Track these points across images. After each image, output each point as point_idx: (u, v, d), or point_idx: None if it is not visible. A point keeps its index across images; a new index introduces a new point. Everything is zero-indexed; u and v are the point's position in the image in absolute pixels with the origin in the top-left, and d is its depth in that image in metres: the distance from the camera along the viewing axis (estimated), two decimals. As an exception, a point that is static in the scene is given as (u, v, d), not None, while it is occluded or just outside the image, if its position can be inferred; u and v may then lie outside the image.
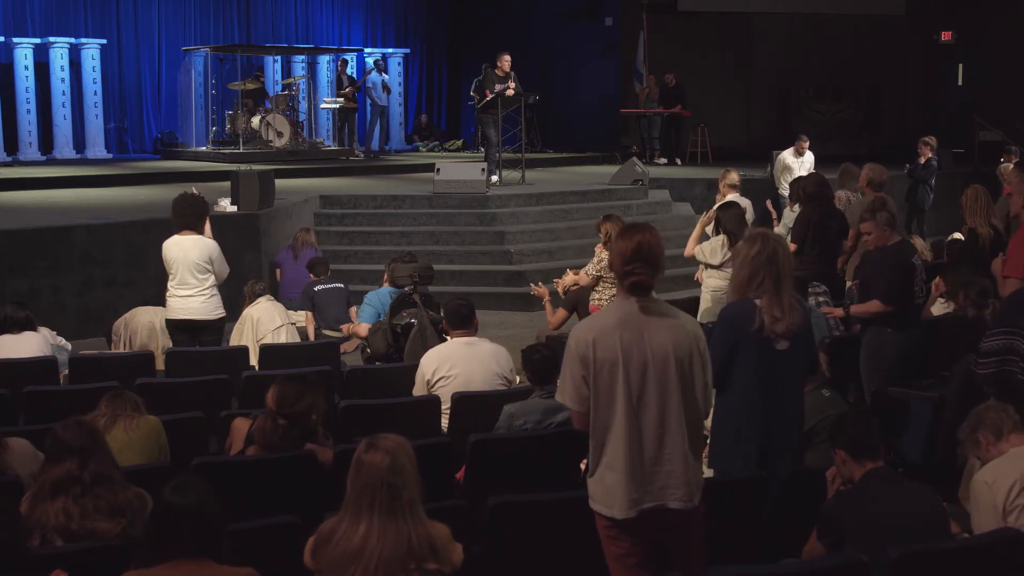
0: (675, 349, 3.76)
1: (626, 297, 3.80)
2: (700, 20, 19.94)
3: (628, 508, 3.74)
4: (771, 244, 4.52)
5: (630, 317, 3.76)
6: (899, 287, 6.22)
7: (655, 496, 3.76)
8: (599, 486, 3.82)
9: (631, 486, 3.73)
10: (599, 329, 3.77)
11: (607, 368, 3.72)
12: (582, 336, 3.79)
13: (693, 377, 3.80)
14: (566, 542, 4.25)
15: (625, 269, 3.76)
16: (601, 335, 3.74)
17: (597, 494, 3.83)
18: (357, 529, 3.28)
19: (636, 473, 3.73)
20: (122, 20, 18.53)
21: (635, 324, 3.75)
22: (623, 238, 3.81)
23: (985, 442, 4.32)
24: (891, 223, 6.41)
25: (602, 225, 7.66)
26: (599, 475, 3.81)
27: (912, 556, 3.56)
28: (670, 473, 3.77)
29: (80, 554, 3.68)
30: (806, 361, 4.63)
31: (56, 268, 9.72)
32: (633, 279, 3.75)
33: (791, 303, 4.48)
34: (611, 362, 3.72)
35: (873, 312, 6.27)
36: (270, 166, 13.12)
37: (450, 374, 5.96)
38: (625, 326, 3.75)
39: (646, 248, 3.75)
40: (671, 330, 3.78)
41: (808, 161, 13.70)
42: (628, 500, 3.74)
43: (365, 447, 3.35)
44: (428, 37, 22.24)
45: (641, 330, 3.75)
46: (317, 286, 9.36)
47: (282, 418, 4.65)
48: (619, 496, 3.75)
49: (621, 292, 3.83)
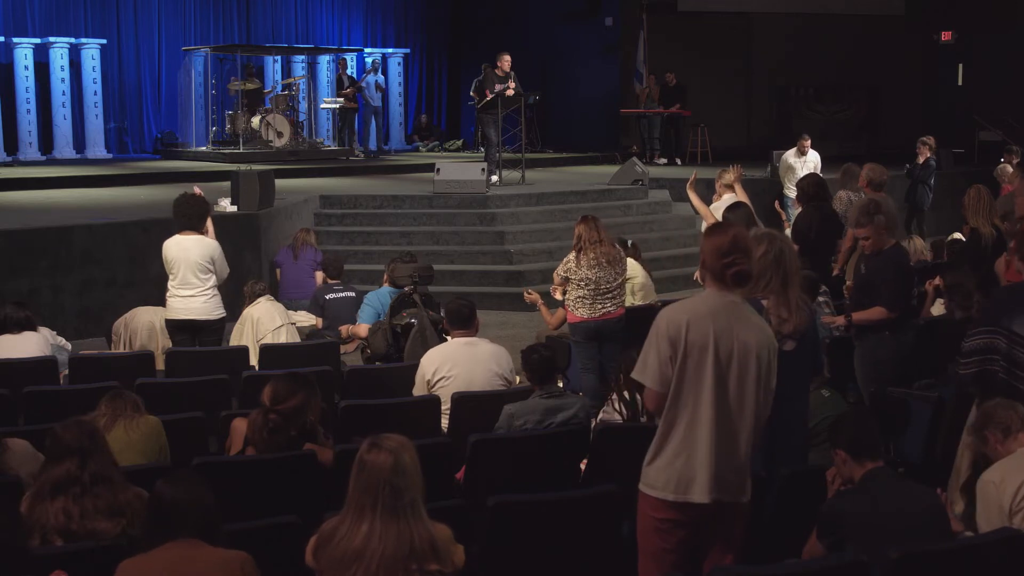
0: (758, 348, 3.79)
1: (722, 290, 3.82)
2: (700, 20, 19.94)
3: (707, 493, 3.72)
4: (778, 244, 4.53)
5: (723, 308, 3.79)
6: (901, 292, 6.21)
7: (723, 489, 3.75)
8: (665, 473, 3.77)
9: (711, 471, 3.72)
10: (692, 312, 3.78)
11: (697, 352, 3.73)
12: (675, 317, 3.77)
13: (769, 378, 3.84)
14: (566, 542, 4.25)
15: (724, 261, 3.78)
16: (694, 318, 3.75)
17: (660, 481, 3.77)
18: (359, 529, 3.28)
19: (715, 460, 3.72)
20: (122, 20, 18.52)
21: (727, 316, 3.78)
22: (716, 234, 3.86)
23: (993, 440, 4.30)
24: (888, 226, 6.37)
25: (576, 227, 7.47)
26: (667, 461, 3.77)
27: (912, 556, 3.56)
28: (739, 468, 3.79)
29: (80, 554, 3.68)
30: (812, 361, 4.64)
31: (56, 268, 9.72)
32: (735, 269, 3.78)
33: (798, 303, 4.50)
34: (702, 346, 3.72)
35: (876, 319, 6.23)
36: (270, 166, 13.13)
37: (450, 374, 5.96)
38: (717, 315, 3.77)
39: (741, 240, 3.82)
40: (756, 330, 3.83)
41: (812, 160, 13.67)
42: (708, 485, 3.71)
43: (368, 447, 3.35)
44: (428, 37, 22.24)
45: (731, 322, 3.77)
46: (329, 294, 9.23)
47: (274, 413, 4.65)
48: (700, 480, 3.71)
49: (716, 285, 3.83)
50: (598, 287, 7.25)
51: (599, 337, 7.34)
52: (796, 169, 13.45)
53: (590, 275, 7.24)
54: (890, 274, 6.22)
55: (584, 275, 7.25)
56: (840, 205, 9.65)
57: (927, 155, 13.58)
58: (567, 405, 5.41)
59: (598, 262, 7.25)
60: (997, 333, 4.61)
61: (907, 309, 6.26)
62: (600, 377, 7.18)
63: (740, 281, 3.81)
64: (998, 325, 4.61)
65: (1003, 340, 4.58)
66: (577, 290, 7.30)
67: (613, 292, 7.32)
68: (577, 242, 7.36)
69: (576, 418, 5.36)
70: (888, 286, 6.18)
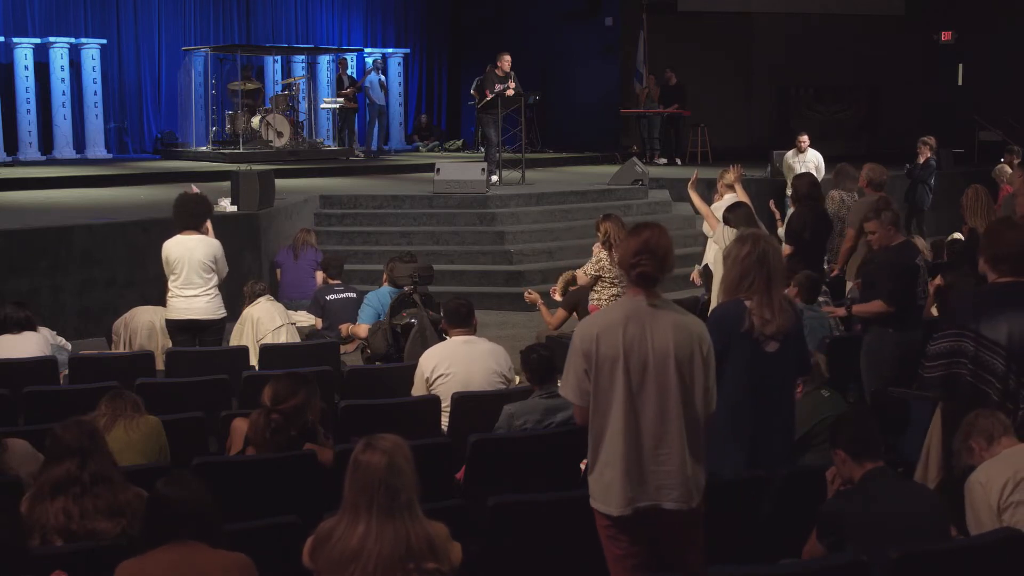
0: (676, 348, 3.77)
1: (635, 294, 3.84)
2: (700, 20, 19.94)
3: (624, 506, 3.76)
4: (761, 245, 4.52)
5: (636, 314, 3.80)
6: (903, 288, 6.23)
7: (651, 495, 3.77)
8: (598, 483, 3.84)
9: (627, 483, 3.75)
10: (604, 325, 3.80)
11: (608, 364, 3.75)
12: (587, 331, 3.82)
13: (694, 378, 3.81)
14: (566, 542, 4.25)
15: (631, 261, 3.81)
16: (605, 330, 3.77)
17: (596, 492, 3.85)
18: (355, 529, 3.28)
19: (633, 471, 3.75)
20: (122, 20, 18.51)
21: (640, 321, 3.78)
22: (631, 235, 3.90)
23: (978, 448, 4.31)
24: (895, 223, 6.43)
25: (601, 224, 7.62)
26: (598, 472, 3.83)
27: (912, 556, 3.56)
28: (667, 473, 3.78)
29: (80, 554, 3.68)
30: (796, 363, 4.61)
31: (56, 268, 9.72)
32: (639, 270, 3.80)
33: (781, 304, 4.48)
34: (612, 358, 3.74)
35: (875, 312, 6.28)
36: (270, 166, 13.12)
37: (449, 372, 5.97)
38: (630, 322, 3.78)
39: (653, 242, 3.82)
40: (675, 329, 3.81)
41: (813, 159, 13.65)
42: (624, 497, 3.76)
43: (362, 447, 3.36)
44: (428, 37, 22.24)
45: (645, 327, 3.77)
46: (329, 295, 9.21)
47: (275, 413, 4.66)
48: (615, 493, 3.76)
49: (631, 290, 3.87)
50: None
51: None
52: (795, 168, 13.43)
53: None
54: (892, 269, 6.24)
55: (619, 272, 7.28)
56: (833, 205, 9.67)
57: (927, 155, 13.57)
58: (567, 405, 5.38)
59: None
60: (964, 336, 4.56)
61: (908, 305, 6.27)
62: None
63: (643, 282, 3.82)
64: (965, 328, 4.57)
65: (970, 343, 4.53)
66: (610, 288, 7.32)
67: None
68: (606, 239, 7.38)
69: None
70: (888, 281, 6.21)
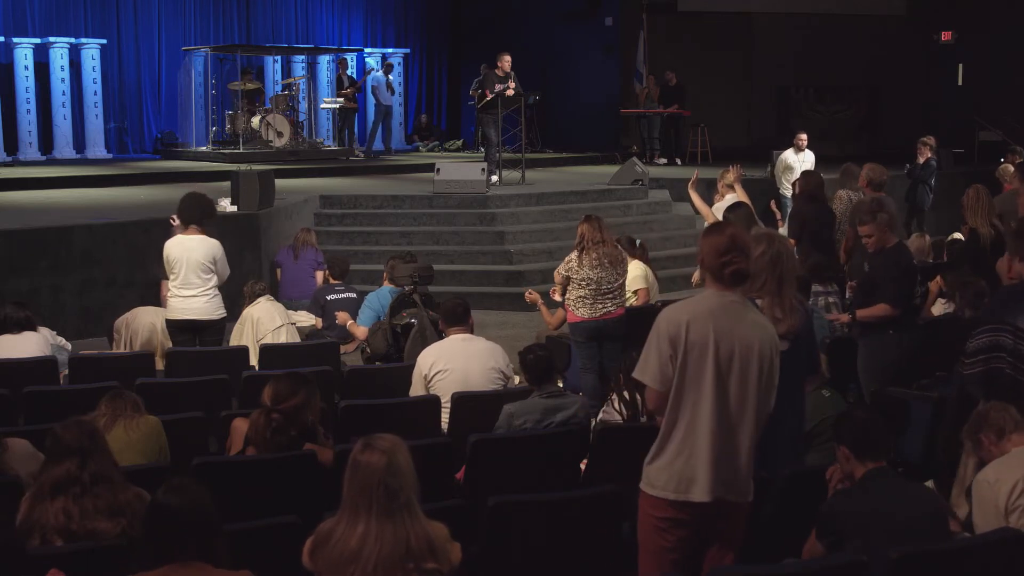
0: (760, 347, 3.80)
1: (721, 289, 3.82)
2: (700, 20, 19.94)
3: (707, 492, 3.72)
4: (776, 246, 4.54)
5: (723, 308, 3.79)
6: (906, 290, 6.23)
7: (724, 488, 3.76)
8: (665, 472, 3.78)
9: (711, 471, 3.72)
10: (692, 312, 3.79)
11: (697, 351, 3.73)
12: (675, 316, 3.79)
13: (772, 377, 3.85)
14: (566, 542, 4.25)
15: (722, 260, 3.79)
16: (695, 318, 3.76)
17: (661, 480, 3.79)
18: (355, 530, 3.27)
19: (716, 460, 3.73)
20: (122, 20, 18.51)
21: (727, 315, 3.78)
22: (713, 233, 3.88)
23: (987, 442, 4.31)
24: (890, 225, 6.39)
25: (579, 226, 7.46)
26: (667, 461, 3.78)
27: (912, 556, 3.56)
28: (739, 467, 3.79)
29: (80, 554, 3.68)
30: (807, 362, 4.65)
31: (56, 268, 9.72)
32: (733, 267, 3.79)
33: (792, 304, 4.50)
34: (702, 346, 3.73)
35: (880, 316, 6.25)
36: (270, 166, 13.12)
37: (447, 368, 5.97)
38: (718, 315, 3.77)
39: (739, 239, 3.83)
40: (758, 328, 3.84)
41: (809, 158, 13.67)
42: (708, 484, 3.72)
43: (361, 447, 3.35)
44: (428, 37, 22.24)
45: (732, 322, 3.78)
46: (330, 295, 9.23)
47: (275, 413, 4.66)
48: (701, 480, 3.72)
49: (716, 285, 3.84)
50: (599, 287, 7.25)
51: (599, 337, 7.33)
52: (795, 168, 13.42)
53: (591, 275, 7.24)
54: (894, 272, 6.23)
55: (585, 275, 7.25)
56: (840, 204, 9.67)
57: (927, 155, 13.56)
58: (566, 405, 5.41)
59: (600, 262, 7.25)
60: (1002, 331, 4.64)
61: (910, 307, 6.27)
62: (600, 377, 7.18)
63: (737, 280, 3.82)
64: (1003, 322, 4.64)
65: (1008, 337, 4.62)
66: (578, 290, 7.29)
67: (614, 292, 7.32)
68: (580, 241, 7.35)
69: (576, 418, 5.37)
70: (892, 283, 6.20)
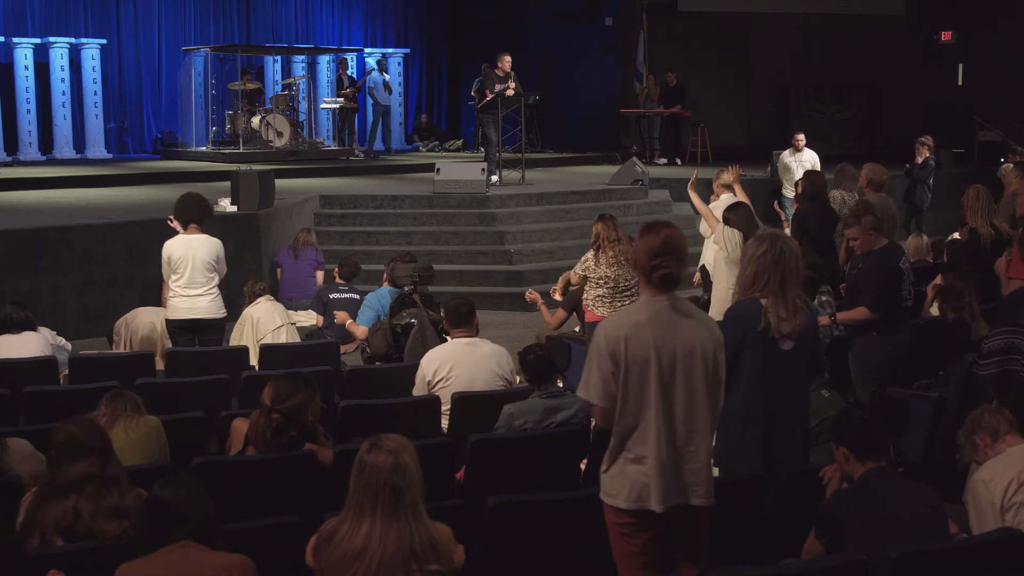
0: (702, 347, 3.79)
1: (654, 294, 3.81)
2: (700, 20, 19.95)
3: (661, 502, 3.73)
4: (779, 245, 4.53)
5: (660, 314, 3.78)
6: (885, 293, 6.18)
7: (681, 493, 3.77)
8: (619, 480, 3.80)
9: (662, 481, 3.73)
10: (630, 325, 3.77)
11: (638, 364, 3.73)
12: (612, 332, 3.77)
13: (718, 376, 3.84)
14: (566, 542, 4.25)
15: (653, 263, 3.77)
16: (633, 332, 3.74)
17: (615, 488, 3.81)
18: (359, 529, 3.28)
19: (667, 469, 3.74)
20: (122, 20, 18.51)
21: (665, 321, 3.77)
22: (648, 234, 3.84)
23: (983, 444, 4.32)
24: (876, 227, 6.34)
25: (594, 226, 7.56)
26: (619, 469, 3.80)
27: (912, 556, 3.56)
28: (696, 471, 3.79)
29: (80, 554, 3.68)
30: (812, 361, 4.65)
31: (56, 268, 9.72)
32: (662, 272, 3.77)
33: (796, 303, 4.50)
34: (643, 358, 3.72)
35: (859, 319, 6.25)
36: (270, 166, 13.12)
37: (450, 375, 5.96)
38: (655, 323, 3.76)
39: (673, 241, 3.79)
40: (698, 328, 3.82)
41: (809, 158, 13.67)
42: (661, 494, 3.73)
43: (368, 447, 3.35)
44: (428, 37, 22.24)
45: (671, 327, 3.77)
46: (333, 294, 9.27)
47: (276, 413, 4.66)
48: (653, 490, 3.73)
49: (648, 289, 3.83)
50: (617, 285, 7.30)
51: None
52: (792, 168, 13.44)
53: (609, 273, 7.30)
54: (873, 275, 6.21)
55: (603, 273, 7.31)
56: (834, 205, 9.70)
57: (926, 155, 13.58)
58: (567, 405, 5.41)
59: (616, 260, 7.30)
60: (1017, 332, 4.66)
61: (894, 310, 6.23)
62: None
63: (666, 284, 3.79)
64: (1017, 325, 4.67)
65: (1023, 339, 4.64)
66: (596, 289, 7.33)
67: (632, 290, 7.33)
68: (595, 240, 7.40)
69: (576, 418, 5.37)
70: (870, 287, 6.18)
